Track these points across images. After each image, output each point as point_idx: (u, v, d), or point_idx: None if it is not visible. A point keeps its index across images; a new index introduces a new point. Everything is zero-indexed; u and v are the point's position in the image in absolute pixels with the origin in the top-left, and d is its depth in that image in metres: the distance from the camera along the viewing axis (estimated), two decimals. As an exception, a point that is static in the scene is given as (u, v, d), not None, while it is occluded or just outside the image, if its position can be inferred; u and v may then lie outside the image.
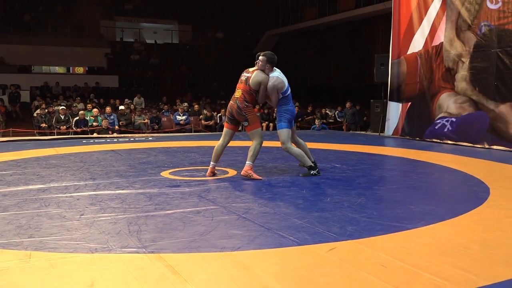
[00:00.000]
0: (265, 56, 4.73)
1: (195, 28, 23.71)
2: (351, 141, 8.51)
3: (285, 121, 4.75)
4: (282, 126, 4.76)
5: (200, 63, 21.29)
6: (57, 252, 2.51)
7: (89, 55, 19.73)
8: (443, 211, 3.43)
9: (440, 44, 8.16)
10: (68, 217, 3.22)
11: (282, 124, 4.76)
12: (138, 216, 3.25)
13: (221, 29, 23.45)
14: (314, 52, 20.52)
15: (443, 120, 8.10)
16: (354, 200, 3.77)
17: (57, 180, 4.62)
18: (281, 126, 4.76)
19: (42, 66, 20.74)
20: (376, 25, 16.72)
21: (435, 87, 8.31)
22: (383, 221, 3.14)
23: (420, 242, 2.71)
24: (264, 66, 4.72)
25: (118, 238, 2.76)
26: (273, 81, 4.69)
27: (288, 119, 4.78)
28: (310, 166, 4.82)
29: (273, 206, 3.56)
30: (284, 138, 4.73)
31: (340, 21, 17.95)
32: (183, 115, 12.58)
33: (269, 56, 4.74)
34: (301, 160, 4.81)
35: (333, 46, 19.19)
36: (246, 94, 4.74)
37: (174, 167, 5.40)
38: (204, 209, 3.45)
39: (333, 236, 2.81)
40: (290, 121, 4.83)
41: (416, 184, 4.49)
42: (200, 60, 21.26)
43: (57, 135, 10.56)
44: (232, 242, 2.69)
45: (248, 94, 4.74)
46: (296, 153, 4.79)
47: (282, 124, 4.76)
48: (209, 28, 23.33)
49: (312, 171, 4.82)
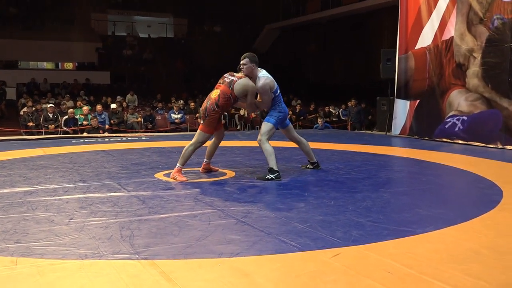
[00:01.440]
0: (247, 58, 4.71)
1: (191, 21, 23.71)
2: (356, 141, 8.51)
3: (275, 118, 4.81)
4: (270, 121, 4.81)
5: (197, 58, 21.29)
6: (45, 259, 2.51)
7: (79, 50, 19.72)
8: (453, 215, 3.43)
9: (450, 39, 8.17)
10: (57, 221, 3.22)
11: (270, 119, 4.81)
12: (130, 220, 3.24)
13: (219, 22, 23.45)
14: (317, 47, 20.54)
15: (454, 119, 8.11)
16: (359, 203, 3.76)
17: (45, 182, 4.62)
18: (269, 120, 4.81)
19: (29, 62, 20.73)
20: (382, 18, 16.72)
21: (445, 84, 8.31)
22: (390, 226, 3.14)
23: (429, 248, 2.71)
24: (251, 69, 4.70)
25: (110, 243, 2.76)
26: (263, 80, 4.70)
27: (280, 119, 4.85)
28: (271, 169, 4.68)
29: (274, 209, 3.56)
30: (264, 131, 4.77)
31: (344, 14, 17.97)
32: (179, 114, 12.58)
33: (251, 57, 4.74)
34: (268, 159, 4.73)
35: (337, 40, 19.21)
36: (222, 98, 4.67)
37: (168, 169, 5.39)
38: (201, 212, 3.45)
39: (337, 241, 2.81)
40: (281, 122, 4.91)
41: (424, 187, 4.49)
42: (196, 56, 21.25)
43: (45, 135, 10.55)
44: (230, 247, 2.69)
45: (224, 99, 4.67)
46: (268, 151, 4.74)
47: (270, 119, 4.81)
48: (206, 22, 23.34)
49: (270, 175, 4.66)
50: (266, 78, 4.71)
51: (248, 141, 8.04)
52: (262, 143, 4.78)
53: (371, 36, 17.24)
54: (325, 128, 12.04)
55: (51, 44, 19.13)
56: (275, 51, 21.96)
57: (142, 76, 20.32)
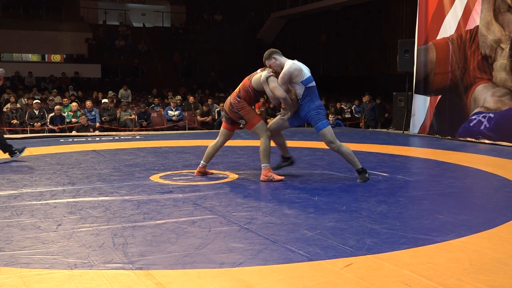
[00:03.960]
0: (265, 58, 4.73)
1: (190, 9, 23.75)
2: (370, 140, 8.50)
3: (323, 118, 4.75)
4: (324, 124, 4.72)
5: (196, 50, 21.32)
6: (31, 268, 2.53)
7: (67, 41, 19.80)
8: (477, 221, 3.43)
9: (475, 28, 8.15)
10: (44, 227, 3.24)
11: (323, 123, 4.71)
12: (124, 226, 3.26)
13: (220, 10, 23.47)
14: (327, 37, 20.52)
15: (479, 116, 8.08)
16: (373, 208, 3.77)
17: (31, 185, 4.64)
18: (323, 125, 4.70)
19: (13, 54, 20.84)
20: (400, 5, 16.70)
21: (470, 78, 8.29)
22: (407, 233, 3.14)
23: (450, 258, 2.72)
24: (276, 64, 4.69)
25: (101, 252, 2.78)
26: (288, 66, 4.64)
27: (324, 115, 4.79)
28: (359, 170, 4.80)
29: (280, 215, 3.57)
30: (328, 138, 4.71)
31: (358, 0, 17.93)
32: (176, 110, 12.61)
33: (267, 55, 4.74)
34: (352, 161, 4.80)
35: (350, 30, 19.19)
36: (242, 90, 4.84)
37: (165, 170, 5.41)
38: (200, 218, 3.46)
39: (349, 250, 2.82)
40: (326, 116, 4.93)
41: (446, 190, 4.48)
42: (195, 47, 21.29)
43: (31, 133, 10.60)
44: (232, 256, 2.70)
45: (244, 90, 4.83)
46: (347, 153, 4.77)
47: (323, 123, 4.71)
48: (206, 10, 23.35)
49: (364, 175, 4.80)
50: (291, 65, 4.64)
51: (252, 141, 8.04)
52: (337, 148, 4.75)
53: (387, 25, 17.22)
54: (337, 126, 12.03)
55: (37, 34, 19.21)
56: (281, 42, 21.96)
57: (136, 69, 20.38)
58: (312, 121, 4.75)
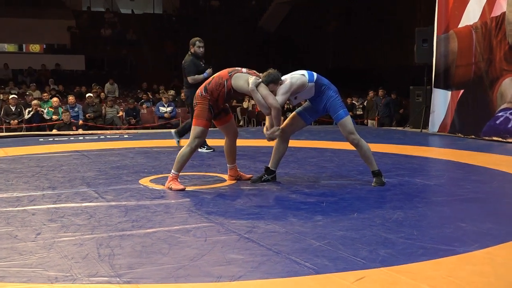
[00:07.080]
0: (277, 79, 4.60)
1: (184, -6, 23.75)
2: (384, 139, 8.49)
3: (344, 107, 4.79)
4: (346, 112, 4.77)
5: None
6: (7, 282, 2.52)
7: (47, 29, 19.79)
8: (504, 231, 3.42)
9: (501, 15, 8.14)
10: (21, 237, 3.24)
11: (345, 111, 4.76)
12: (110, 236, 3.26)
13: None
14: (337, 25, 20.51)
15: (507, 113, 8.08)
16: (388, 215, 3.76)
17: (6, 189, 4.64)
18: (345, 112, 4.75)
19: (-14, 43, 20.85)
20: (418, -11, 16.66)
21: (496, 71, 8.28)
22: (426, 243, 3.14)
23: (473, 271, 2.71)
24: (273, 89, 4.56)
25: (85, 264, 2.77)
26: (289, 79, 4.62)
27: (342, 105, 4.80)
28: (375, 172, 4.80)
29: (284, 223, 3.57)
30: (351, 127, 4.75)
31: (371, -16, 17.93)
32: (168, 106, 12.62)
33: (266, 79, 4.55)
34: (367, 159, 4.79)
35: (362, 17, 19.17)
36: (214, 82, 4.59)
37: (156, 173, 5.41)
38: (195, 227, 3.46)
39: (361, 262, 2.81)
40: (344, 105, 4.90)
41: (469, 196, 4.48)
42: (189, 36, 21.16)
43: (6, 132, 10.61)
44: (231, 269, 2.70)
45: (216, 84, 4.58)
46: (366, 148, 4.77)
47: (345, 111, 4.76)
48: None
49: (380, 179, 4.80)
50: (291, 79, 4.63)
51: (253, 140, 8.05)
52: (357, 141, 4.73)
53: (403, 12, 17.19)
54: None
55: (13, 22, 19.18)
56: (285, 31, 21.95)
57: (124, 60, 20.40)
58: (332, 109, 4.74)
